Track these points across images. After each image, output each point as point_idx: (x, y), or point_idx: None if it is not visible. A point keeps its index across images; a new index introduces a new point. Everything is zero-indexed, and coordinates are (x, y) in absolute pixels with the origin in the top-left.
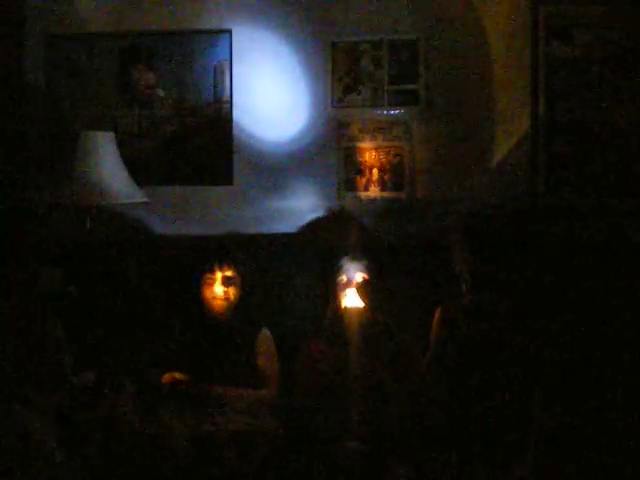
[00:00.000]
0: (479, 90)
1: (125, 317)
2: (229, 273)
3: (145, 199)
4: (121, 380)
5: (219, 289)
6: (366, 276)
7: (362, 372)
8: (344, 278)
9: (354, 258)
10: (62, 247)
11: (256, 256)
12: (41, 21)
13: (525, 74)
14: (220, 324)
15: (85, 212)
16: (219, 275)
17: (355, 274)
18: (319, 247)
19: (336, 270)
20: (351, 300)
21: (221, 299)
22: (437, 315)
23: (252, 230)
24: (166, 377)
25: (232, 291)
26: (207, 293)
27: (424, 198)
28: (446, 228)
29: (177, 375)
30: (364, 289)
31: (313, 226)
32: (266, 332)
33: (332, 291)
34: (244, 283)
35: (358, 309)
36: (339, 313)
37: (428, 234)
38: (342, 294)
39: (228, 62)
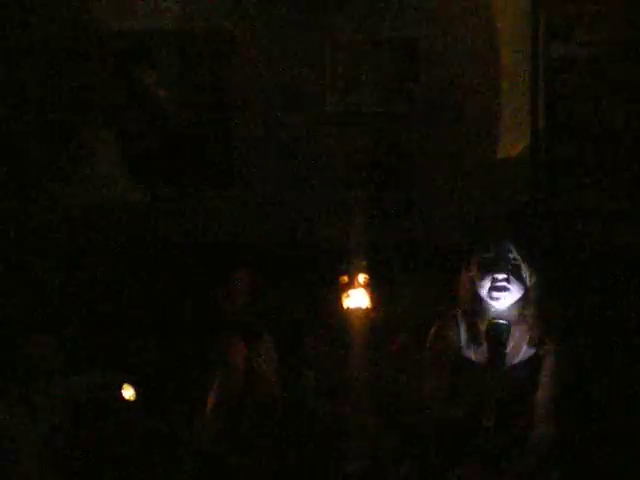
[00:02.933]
0: (479, 90)
1: (125, 318)
2: (234, 275)
3: (145, 199)
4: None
5: (223, 291)
6: (367, 276)
7: (364, 372)
8: (345, 279)
9: (355, 259)
10: (61, 247)
11: (258, 257)
12: (42, 22)
13: (525, 74)
14: (222, 325)
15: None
16: (224, 277)
17: (357, 274)
18: (320, 248)
19: (338, 271)
20: (353, 301)
21: (223, 301)
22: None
23: (252, 231)
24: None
25: (235, 292)
26: (211, 295)
27: (424, 197)
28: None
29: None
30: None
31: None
32: (266, 335)
33: (333, 292)
34: (247, 285)
35: (360, 310)
36: (341, 314)
37: (429, 233)
38: (344, 295)
39: (228, 62)
